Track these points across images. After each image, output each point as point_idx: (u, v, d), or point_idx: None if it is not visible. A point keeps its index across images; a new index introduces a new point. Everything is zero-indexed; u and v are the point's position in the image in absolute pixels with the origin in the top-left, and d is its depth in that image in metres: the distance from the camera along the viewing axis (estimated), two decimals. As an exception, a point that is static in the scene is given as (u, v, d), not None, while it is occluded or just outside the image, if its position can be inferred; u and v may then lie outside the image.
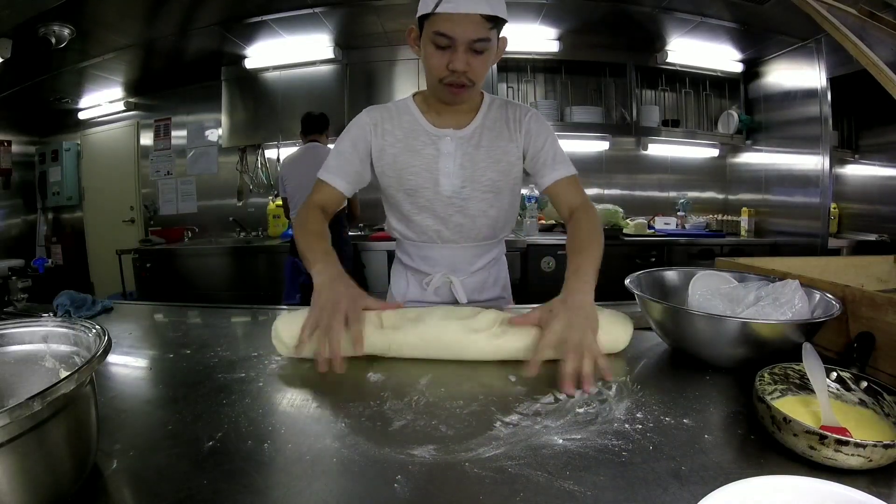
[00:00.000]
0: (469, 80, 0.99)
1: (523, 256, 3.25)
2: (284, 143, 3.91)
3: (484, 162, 1.12)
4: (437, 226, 1.16)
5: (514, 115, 1.14)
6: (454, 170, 1.11)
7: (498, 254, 1.28)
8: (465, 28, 0.92)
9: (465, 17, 0.92)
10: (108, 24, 2.93)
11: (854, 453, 0.47)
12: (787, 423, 0.51)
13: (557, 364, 0.71)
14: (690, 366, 0.78)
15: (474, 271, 1.22)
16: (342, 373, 0.75)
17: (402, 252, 1.26)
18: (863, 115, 3.61)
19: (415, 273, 1.23)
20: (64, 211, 4.92)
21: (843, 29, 0.83)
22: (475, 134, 1.12)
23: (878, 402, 0.59)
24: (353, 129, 1.14)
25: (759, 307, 0.80)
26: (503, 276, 1.30)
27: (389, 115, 1.13)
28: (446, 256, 1.19)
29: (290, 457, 0.53)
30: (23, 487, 0.39)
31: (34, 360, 0.56)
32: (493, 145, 1.12)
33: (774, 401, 0.61)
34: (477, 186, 1.12)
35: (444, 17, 0.92)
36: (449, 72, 0.97)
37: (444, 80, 0.99)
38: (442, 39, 0.94)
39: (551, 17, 3.22)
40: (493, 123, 1.13)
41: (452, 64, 0.96)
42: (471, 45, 0.94)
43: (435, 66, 0.98)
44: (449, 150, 1.11)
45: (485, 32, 0.94)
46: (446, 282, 1.19)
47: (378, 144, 1.12)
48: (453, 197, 1.12)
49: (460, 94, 1.02)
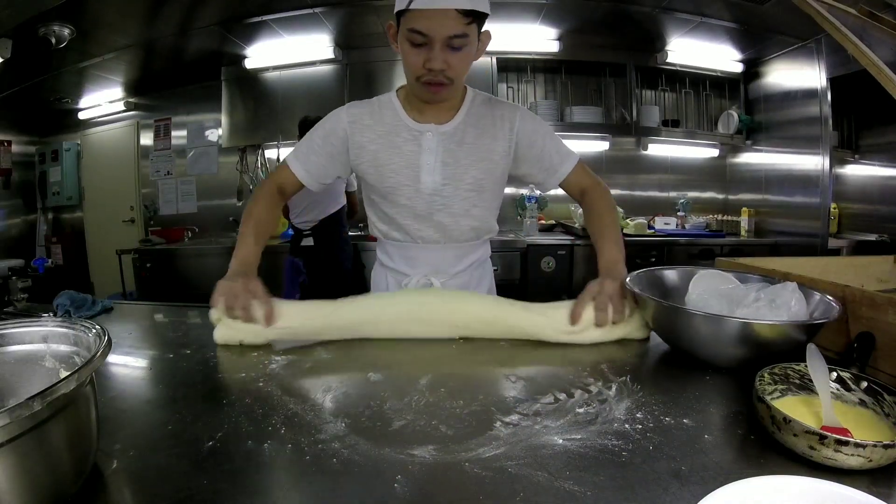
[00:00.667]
0: (447, 78, 0.96)
1: (523, 256, 3.25)
2: (284, 143, 3.91)
3: (467, 159, 1.09)
4: (419, 224, 1.13)
5: (501, 113, 1.11)
6: (435, 166, 1.07)
7: (482, 256, 1.24)
8: (440, 24, 0.89)
9: (440, 12, 0.88)
10: (108, 24, 2.93)
11: (854, 453, 0.47)
12: (788, 423, 0.51)
13: (557, 364, 0.71)
14: (690, 366, 0.78)
15: (456, 273, 1.18)
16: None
17: (382, 252, 1.23)
18: (863, 115, 3.61)
19: (395, 274, 1.20)
20: (64, 211, 4.92)
21: (843, 29, 0.83)
22: (458, 130, 1.09)
23: (878, 403, 0.59)
24: (328, 124, 1.11)
25: (754, 307, 0.79)
26: (488, 280, 1.26)
27: (371, 111, 1.10)
28: (428, 257, 1.16)
29: (290, 457, 0.53)
30: (23, 487, 0.39)
31: (34, 360, 0.56)
32: (476, 143, 1.09)
33: (774, 401, 0.61)
34: (460, 185, 1.09)
35: (419, 13, 0.89)
36: (426, 70, 0.94)
37: (421, 78, 0.96)
38: (417, 37, 0.91)
39: (551, 17, 3.22)
40: (476, 120, 1.10)
41: (429, 62, 0.93)
42: (448, 41, 0.91)
43: (411, 64, 0.95)
44: (430, 146, 1.07)
45: (462, 28, 0.90)
46: (426, 284, 1.15)
47: (357, 142, 1.09)
48: (435, 195, 1.09)
49: (439, 93, 0.99)
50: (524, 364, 0.81)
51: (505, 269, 3.23)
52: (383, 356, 0.85)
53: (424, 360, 0.84)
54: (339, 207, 2.95)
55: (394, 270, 1.20)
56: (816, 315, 0.77)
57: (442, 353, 0.87)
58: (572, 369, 0.77)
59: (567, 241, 3.31)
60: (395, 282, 1.20)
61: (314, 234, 2.90)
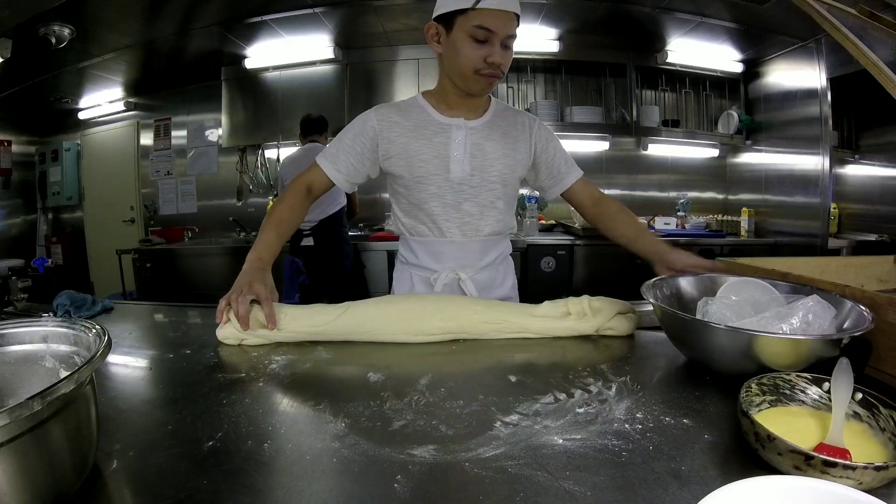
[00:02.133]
0: (501, 71, 1.06)
1: (523, 256, 3.25)
2: (284, 143, 3.91)
3: (494, 154, 1.15)
4: (446, 215, 1.16)
5: (522, 119, 1.21)
6: (464, 157, 1.13)
7: (505, 250, 1.28)
8: (504, 24, 1.00)
9: (505, 13, 1.00)
10: (108, 24, 2.93)
11: (843, 475, 0.44)
12: (772, 440, 0.48)
13: (557, 364, 0.70)
14: (690, 366, 0.78)
15: (483, 267, 1.21)
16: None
17: (406, 250, 1.25)
18: (863, 115, 3.60)
19: (420, 271, 1.22)
20: (64, 211, 4.92)
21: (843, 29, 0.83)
22: (485, 127, 1.16)
23: (873, 416, 0.55)
24: (356, 125, 1.16)
25: (763, 318, 0.76)
26: (511, 275, 1.30)
27: (398, 110, 1.16)
28: (454, 252, 1.18)
29: (290, 457, 0.53)
30: (23, 487, 0.39)
31: (34, 360, 0.56)
32: (502, 140, 1.16)
33: (761, 412, 0.59)
34: (486, 176, 1.15)
35: (488, 12, 0.98)
36: (486, 64, 1.03)
37: (480, 71, 1.04)
38: (482, 33, 1.00)
39: (551, 17, 3.22)
40: (501, 121, 1.18)
41: (491, 57, 1.02)
42: (506, 40, 1.02)
43: (472, 58, 1.03)
44: (459, 138, 1.13)
45: (515, 30, 1.03)
46: (454, 278, 1.17)
47: (386, 137, 1.14)
48: (463, 184, 1.14)
49: (492, 84, 1.08)
50: (524, 364, 0.81)
51: (505, 269, 3.24)
52: (383, 356, 0.85)
53: (424, 360, 0.84)
54: (339, 208, 2.96)
55: (419, 267, 1.22)
56: (848, 326, 0.72)
57: (442, 353, 0.87)
58: (572, 369, 0.77)
59: (567, 241, 3.31)
60: (420, 279, 1.22)
61: (314, 234, 2.90)
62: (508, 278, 1.28)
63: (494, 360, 0.84)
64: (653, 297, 0.84)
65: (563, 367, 0.79)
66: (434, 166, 1.13)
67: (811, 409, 0.60)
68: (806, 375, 0.62)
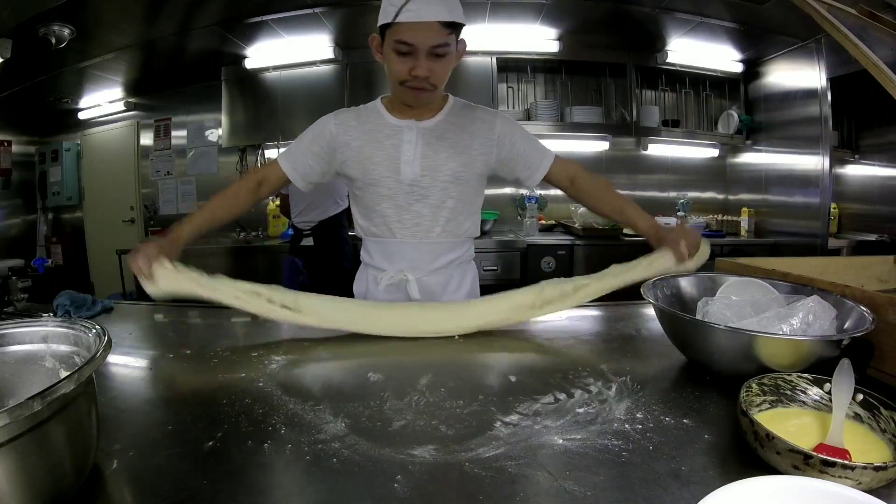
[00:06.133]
0: (431, 84, 1.04)
1: (523, 256, 3.25)
2: (284, 143, 3.91)
3: (446, 152, 1.14)
4: (398, 216, 1.16)
5: (481, 116, 1.19)
6: (415, 158, 1.13)
7: (463, 255, 1.24)
8: (425, 35, 0.97)
9: (425, 24, 0.96)
10: (108, 24, 2.92)
11: (842, 475, 0.44)
12: (770, 439, 0.48)
13: (557, 364, 0.71)
14: (690, 366, 0.78)
15: (433, 270, 1.18)
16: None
17: (364, 251, 1.27)
18: (863, 115, 3.61)
19: (373, 271, 1.22)
20: (64, 211, 4.92)
21: (843, 29, 0.83)
22: (438, 127, 1.15)
23: (873, 417, 0.55)
24: (317, 128, 1.18)
25: (763, 319, 0.76)
26: (469, 282, 1.26)
27: (356, 115, 1.18)
28: (405, 252, 1.18)
29: (290, 457, 0.53)
30: (23, 487, 0.39)
31: (34, 360, 0.56)
32: (455, 138, 1.15)
33: (762, 412, 0.59)
34: (438, 175, 1.14)
35: (406, 25, 0.96)
36: (412, 77, 1.02)
37: (405, 83, 1.04)
38: (403, 47, 0.99)
39: (551, 17, 3.21)
40: (457, 119, 1.17)
41: (415, 70, 1.01)
42: (432, 50, 0.99)
43: (397, 72, 1.03)
44: (410, 139, 1.13)
45: (444, 38, 0.99)
46: (402, 279, 1.16)
47: (342, 141, 1.15)
48: (413, 185, 1.14)
49: (422, 97, 1.08)
50: (524, 364, 0.81)
51: (505, 269, 3.24)
52: (383, 356, 0.85)
53: (424, 360, 0.84)
54: (340, 210, 2.95)
55: (374, 268, 1.22)
56: (848, 327, 0.72)
57: (442, 353, 0.87)
58: (572, 369, 0.77)
59: (567, 241, 3.31)
60: (372, 279, 1.22)
61: (314, 234, 2.90)
62: (465, 286, 1.24)
63: (494, 360, 0.84)
64: (653, 297, 0.84)
65: (563, 367, 0.79)
66: (385, 168, 1.13)
67: (812, 409, 0.60)
68: (807, 376, 0.62)
